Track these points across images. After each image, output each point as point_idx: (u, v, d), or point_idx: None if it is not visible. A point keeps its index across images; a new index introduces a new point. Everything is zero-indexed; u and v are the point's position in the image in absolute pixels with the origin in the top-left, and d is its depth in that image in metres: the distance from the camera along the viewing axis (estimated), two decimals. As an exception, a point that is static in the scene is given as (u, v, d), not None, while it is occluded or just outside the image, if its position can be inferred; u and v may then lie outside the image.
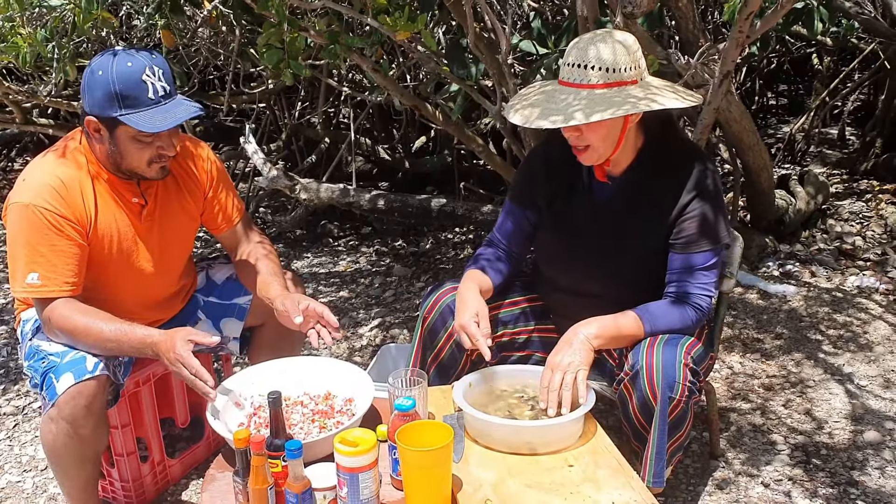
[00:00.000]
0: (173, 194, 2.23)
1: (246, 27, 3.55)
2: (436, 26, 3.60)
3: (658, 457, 1.91)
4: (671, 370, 1.86)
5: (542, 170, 2.19)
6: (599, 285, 2.11)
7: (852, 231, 4.18)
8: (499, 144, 4.89)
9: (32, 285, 2.00)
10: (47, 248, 2.00)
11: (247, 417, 1.99)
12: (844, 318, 3.33)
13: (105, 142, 2.02)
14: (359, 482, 1.60)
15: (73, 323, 2.00)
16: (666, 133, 2.07)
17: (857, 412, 2.72)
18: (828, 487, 2.37)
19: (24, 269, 2.00)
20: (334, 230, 4.92)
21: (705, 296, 2.01)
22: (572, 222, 2.14)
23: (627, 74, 1.91)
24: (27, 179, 2.05)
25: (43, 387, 2.02)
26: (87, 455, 2.07)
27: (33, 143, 6.28)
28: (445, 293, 2.21)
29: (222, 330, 2.42)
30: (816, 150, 5.66)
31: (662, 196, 2.02)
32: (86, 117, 2.01)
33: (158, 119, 1.95)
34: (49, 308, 2.02)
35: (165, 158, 2.07)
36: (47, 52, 3.12)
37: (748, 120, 3.52)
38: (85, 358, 2.01)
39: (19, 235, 2.01)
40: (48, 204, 2.00)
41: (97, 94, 1.95)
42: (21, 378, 3.26)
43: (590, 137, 1.95)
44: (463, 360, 2.21)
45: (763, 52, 3.88)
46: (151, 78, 1.96)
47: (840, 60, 6.03)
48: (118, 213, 2.12)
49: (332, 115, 5.39)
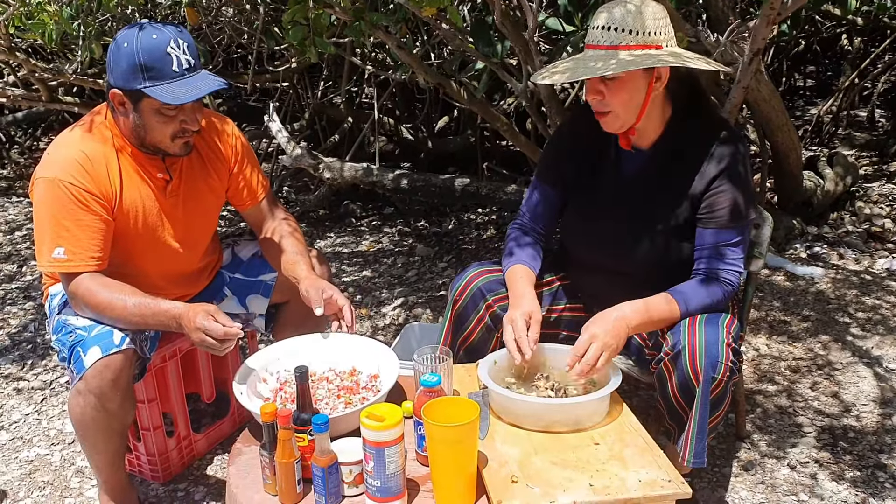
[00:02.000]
0: (198, 170, 2.23)
1: (270, 5, 3.55)
2: (461, 3, 3.57)
3: (699, 436, 1.89)
4: (714, 349, 1.84)
5: (569, 146, 2.17)
6: (627, 262, 2.09)
7: (881, 213, 4.11)
8: (523, 124, 4.86)
9: (58, 260, 2.01)
10: (73, 222, 2.00)
11: (272, 392, 2.00)
12: (873, 301, 3.29)
13: (129, 115, 2.03)
14: (385, 457, 1.60)
15: (98, 298, 2.01)
16: (695, 106, 2.04)
17: (885, 396, 2.68)
18: (855, 471, 2.34)
19: (51, 243, 2.01)
20: (357, 210, 4.92)
21: (735, 271, 1.98)
22: (599, 198, 2.12)
23: (653, 38, 1.90)
24: (52, 154, 2.06)
25: (70, 360, 2.04)
26: (115, 428, 2.09)
27: (58, 122, 6.31)
28: (476, 277, 2.19)
29: (248, 306, 2.43)
30: (845, 132, 5.57)
31: (690, 170, 1.99)
32: (110, 90, 2.01)
33: (181, 91, 1.95)
34: (75, 282, 2.03)
35: (189, 133, 2.06)
36: (73, 29, 3.13)
37: (777, 100, 3.47)
38: (112, 332, 2.02)
39: (45, 210, 2.02)
40: (73, 179, 2.00)
41: (122, 65, 1.95)
42: (48, 353, 3.30)
43: (612, 102, 1.93)
44: (493, 343, 2.20)
45: (794, 30, 3.82)
46: (176, 51, 1.95)
47: (870, 41, 5.92)
48: (143, 188, 2.12)
49: (356, 94, 5.37)
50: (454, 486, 1.62)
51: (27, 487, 2.49)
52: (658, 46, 1.91)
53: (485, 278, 2.19)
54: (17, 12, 3.01)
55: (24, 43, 4.10)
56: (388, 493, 1.63)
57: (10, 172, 6.04)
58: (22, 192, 5.65)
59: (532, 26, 2.69)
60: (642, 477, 1.65)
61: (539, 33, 2.91)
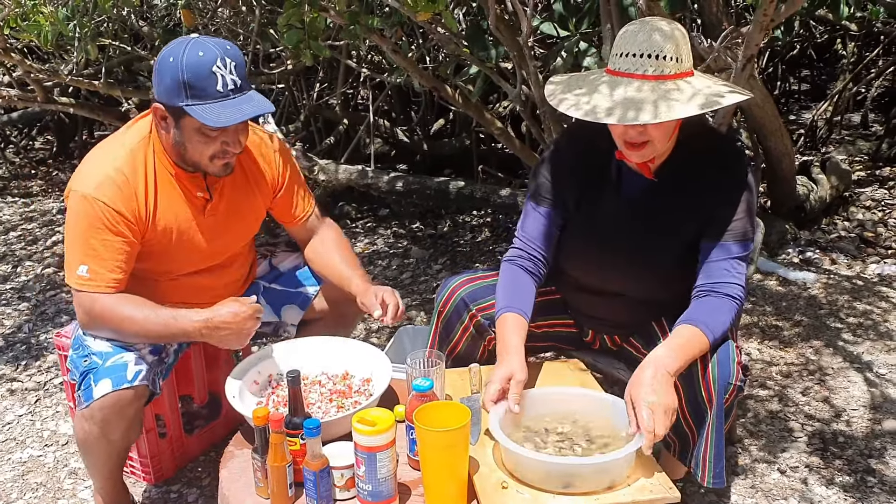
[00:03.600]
0: (241, 190, 2.17)
1: (266, 7, 3.55)
2: (456, 7, 3.57)
3: (717, 457, 1.85)
4: (726, 369, 1.81)
5: (569, 165, 2.06)
6: (626, 285, 2.05)
7: (874, 218, 4.13)
8: (518, 127, 4.87)
9: (82, 278, 1.98)
10: (98, 242, 1.97)
11: (265, 396, 2.00)
12: (865, 307, 3.31)
13: (170, 131, 1.97)
14: (376, 461, 1.61)
15: (117, 312, 1.98)
16: (697, 127, 1.98)
17: (876, 401, 2.70)
18: (845, 475, 2.36)
19: (77, 260, 1.98)
20: (352, 212, 4.92)
21: (740, 286, 1.90)
22: (601, 220, 2.03)
23: (688, 64, 1.82)
24: (90, 166, 2.02)
25: (81, 386, 2.01)
26: (116, 451, 2.09)
27: (54, 122, 6.31)
28: (459, 286, 2.17)
29: (281, 316, 2.39)
30: (839, 136, 5.59)
31: (697, 192, 1.93)
32: (154, 104, 1.97)
33: (224, 113, 1.88)
34: (92, 300, 1.99)
35: (230, 155, 2.00)
36: (69, 30, 3.14)
37: (771, 105, 3.48)
38: (126, 365, 1.99)
39: (77, 226, 1.99)
40: (107, 199, 1.96)
41: (166, 80, 1.90)
42: (43, 354, 3.30)
43: (653, 133, 1.82)
44: (480, 352, 2.20)
45: (787, 36, 3.83)
46: (222, 70, 1.89)
47: (864, 46, 5.95)
48: (181, 207, 2.08)
49: (351, 96, 5.38)
50: (445, 490, 1.63)
51: (20, 489, 2.49)
52: (691, 73, 1.84)
53: (468, 287, 2.16)
54: (12, 13, 3.02)
55: (20, 43, 4.10)
56: (380, 497, 1.64)
57: (6, 172, 6.03)
58: (17, 193, 5.64)
59: (527, 31, 2.70)
60: (632, 481, 1.66)
61: (534, 38, 2.91)
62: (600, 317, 2.16)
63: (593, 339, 2.26)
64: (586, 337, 2.26)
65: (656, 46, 1.77)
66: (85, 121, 5.86)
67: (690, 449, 1.91)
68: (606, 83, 1.83)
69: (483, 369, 2.00)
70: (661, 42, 1.77)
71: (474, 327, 2.16)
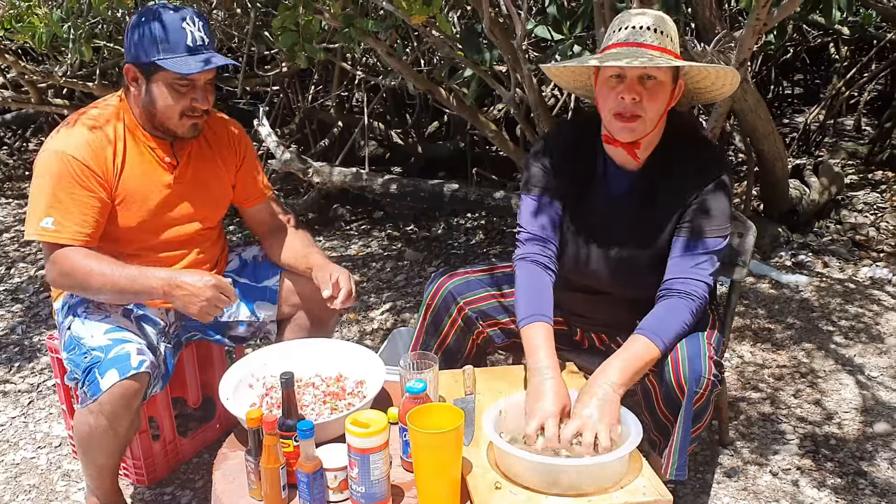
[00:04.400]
0: (207, 158, 2.26)
1: (261, 9, 3.56)
2: (451, 11, 3.58)
3: (682, 449, 1.89)
4: (697, 363, 1.83)
5: (558, 161, 2.07)
6: (611, 283, 2.07)
7: (866, 222, 4.16)
8: (512, 130, 4.88)
9: (46, 229, 2.02)
10: (66, 195, 2.02)
11: (259, 398, 2.00)
12: (856, 309, 3.32)
13: (141, 91, 2.07)
14: (369, 463, 1.62)
15: (82, 265, 2.02)
16: (683, 124, 2.03)
17: (867, 403, 2.71)
18: (836, 478, 2.37)
19: (41, 213, 2.02)
20: (346, 214, 4.93)
21: (704, 282, 1.92)
22: (589, 217, 2.06)
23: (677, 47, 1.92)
24: (62, 130, 2.09)
25: (84, 382, 2.01)
26: (118, 447, 2.09)
27: (48, 124, 6.29)
28: (447, 280, 2.21)
29: (258, 314, 2.40)
30: (831, 140, 5.62)
31: (677, 188, 1.97)
32: (125, 66, 2.07)
33: (195, 64, 2.01)
34: (58, 253, 2.03)
35: (198, 113, 2.09)
36: (63, 32, 3.14)
37: (763, 109, 3.50)
38: (129, 354, 2.00)
39: (43, 180, 2.04)
40: (77, 153, 2.04)
41: (138, 38, 2.02)
42: (36, 356, 3.29)
43: (647, 105, 1.86)
44: (469, 346, 2.23)
45: (780, 40, 3.85)
46: (191, 27, 2.03)
47: (857, 50, 5.98)
48: (148, 171, 2.14)
49: (346, 98, 5.39)
50: (438, 492, 1.64)
51: (13, 491, 2.49)
52: (679, 56, 1.93)
53: (455, 281, 2.20)
54: (6, 15, 3.01)
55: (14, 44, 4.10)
56: (373, 499, 1.64)
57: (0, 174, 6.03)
58: (10, 194, 5.64)
59: (521, 34, 2.71)
60: (624, 483, 1.67)
61: (528, 41, 2.92)
62: (588, 315, 2.18)
63: (582, 338, 2.28)
64: (575, 336, 2.28)
65: (658, 23, 1.88)
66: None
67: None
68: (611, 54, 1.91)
69: (476, 371, 2.01)
70: (661, 21, 1.89)
71: (462, 320, 2.18)
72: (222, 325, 2.38)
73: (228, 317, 2.36)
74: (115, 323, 2.10)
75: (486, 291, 2.22)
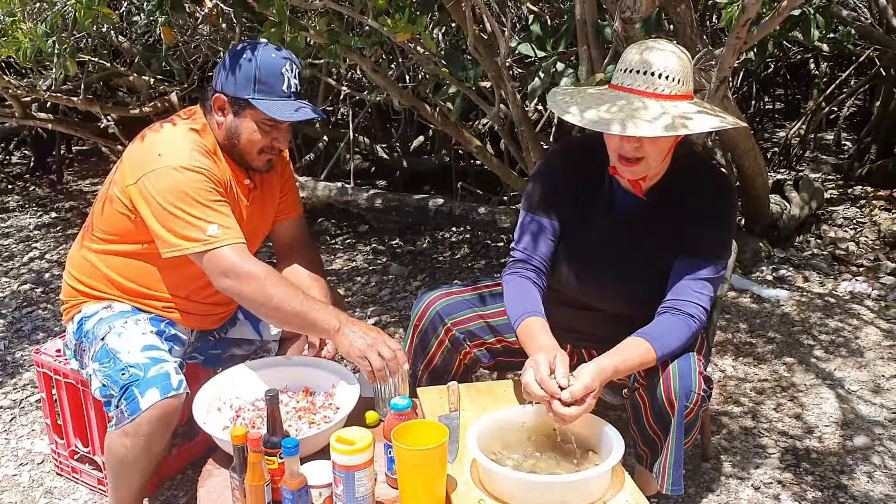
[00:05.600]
0: (267, 181, 2.28)
1: (246, 25, 3.57)
2: (435, 28, 3.61)
3: (676, 465, 1.91)
4: (687, 378, 1.85)
5: (564, 178, 2.08)
6: (609, 302, 2.08)
7: (846, 237, 4.21)
8: (496, 145, 4.91)
9: (216, 236, 1.98)
10: (213, 202, 2.02)
11: (230, 420, 2.00)
12: (836, 324, 3.36)
13: (226, 121, 2.10)
14: (354, 480, 1.62)
15: (266, 292, 1.97)
16: (687, 151, 2.02)
17: (847, 417, 2.75)
18: (817, 491, 2.39)
19: (201, 223, 1.98)
20: (331, 228, 4.93)
21: (703, 307, 1.94)
22: (592, 236, 2.06)
23: (690, 87, 1.87)
24: (170, 146, 2.04)
25: (122, 399, 1.98)
26: (152, 467, 2.07)
27: (32, 137, 6.27)
28: (435, 300, 2.21)
29: (261, 333, 2.42)
30: (812, 155, 5.69)
31: (683, 216, 1.98)
32: (214, 94, 2.08)
33: (287, 110, 2.05)
34: (233, 257, 1.98)
35: (276, 151, 2.15)
36: (47, 47, 3.13)
37: (744, 126, 3.54)
38: (169, 374, 1.98)
39: (182, 194, 1.98)
40: (204, 166, 2.03)
41: (237, 73, 2.05)
42: (18, 371, 3.27)
43: (649, 150, 1.85)
44: (456, 365, 2.24)
45: (760, 58, 3.91)
46: (289, 73, 2.08)
47: (837, 66, 6.07)
48: (237, 190, 2.17)
49: (331, 113, 5.40)
50: (422, 508, 1.64)
51: (-6, 508, 2.47)
52: (691, 95, 1.88)
53: (443, 301, 2.20)
54: (-10, 30, 3.01)
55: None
56: (358, 515, 1.65)
57: (-19, 187, 5.98)
58: (-7, 207, 5.60)
59: (504, 51, 2.74)
60: (607, 498, 1.68)
61: (511, 58, 2.95)
62: (580, 331, 2.19)
63: (571, 354, 2.29)
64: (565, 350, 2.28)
65: (658, 65, 1.81)
66: (62, 136, 5.83)
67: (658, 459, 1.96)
68: (607, 97, 1.87)
69: (461, 387, 2.02)
70: (667, 62, 1.82)
71: (449, 341, 2.19)
72: (228, 342, 2.40)
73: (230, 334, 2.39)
74: (150, 341, 2.08)
75: (473, 312, 2.22)
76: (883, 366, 3.04)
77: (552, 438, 1.85)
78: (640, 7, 2.43)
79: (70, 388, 2.40)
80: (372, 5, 2.64)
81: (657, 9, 2.70)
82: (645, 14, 2.47)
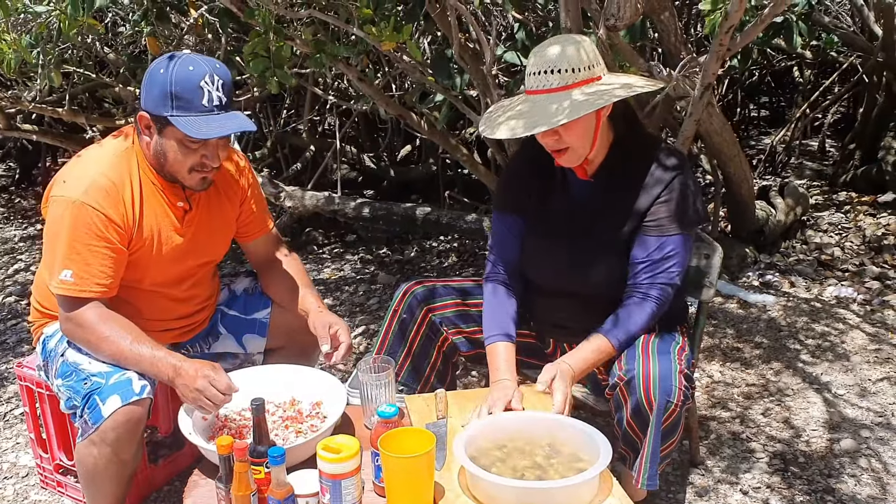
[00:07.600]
0: (214, 200, 2.21)
1: (232, 35, 3.57)
2: (421, 37, 3.62)
3: (652, 460, 1.95)
4: (668, 377, 1.89)
5: (525, 173, 2.20)
6: (576, 284, 2.13)
7: (831, 242, 4.23)
8: (483, 154, 4.92)
9: (64, 282, 1.96)
10: (84, 247, 1.97)
11: (216, 431, 1.99)
12: (822, 328, 3.38)
13: (153, 139, 2.01)
14: (341, 488, 1.62)
15: (96, 330, 1.97)
16: (631, 127, 2.10)
17: (833, 420, 2.76)
18: (805, 495, 2.40)
19: (60, 265, 1.97)
20: (319, 238, 4.93)
21: (668, 284, 2.01)
22: (552, 223, 2.15)
23: (594, 70, 1.96)
24: (76, 173, 2.02)
25: (84, 408, 1.97)
26: (126, 475, 2.05)
27: (16, 149, 6.25)
28: (413, 285, 2.30)
29: (245, 346, 2.40)
30: (797, 161, 5.72)
31: (636, 188, 2.04)
32: (139, 113, 2.01)
33: (206, 127, 1.93)
34: (78, 311, 1.98)
35: (208, 169, 2.03)
36: (32, 58, 3.13)
37: (729, 132, 3.57)
38: (131, 380, 1.97)
39: (61, 230, 1.97)
40: (97, 204, 1.97)
41: (154, 90, 1.94)
42: (2, 384, 3.25)
43: (568, 139, 1.96)
44: (435, 354, 2.30)
45: (744, 65, 3.93)
46: (209, 86, 1.93)
47: (821, 73, 6.12)
48: (163, 215, 2.10)
49: (318, 122, 5.40)
50: (410, 516, 1.64)
51: (-22, 522, 2.45)
52: (599, 77, 1.98)
53: (421, 287, 2.29)
54: (-26, 41, 3.00)
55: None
56: (345, 524, 1.64)
57: (-34, 199, 5.95)
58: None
59: (490, 60, 2.75)
60: (595, 502, 1.68)
61: (497, 66, 2.96)
62: (557, 321, 2.24)
63: (554, 350, 2.32)
64: (547, 348, 2.33)
65: (556, 62, 1.93)
66: (47, 147, 5.80)
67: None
68: (522, 102, 2.01)
69: (449, 395, 2.02)
70: (560, 57, 1.93)
71: (427, 326, 2.26)
72: (212, 357, 2.38)
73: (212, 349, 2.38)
74: None
75: (452, 299, 2.30)
76: (869, 369, 3.06)
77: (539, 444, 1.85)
78: (624, 15, 2.44)
79: (53, 401, 2.38)
80: (357, 14, 2.64)
81: (641, 16, 2.72)
82: (629, 22, 2.48)
